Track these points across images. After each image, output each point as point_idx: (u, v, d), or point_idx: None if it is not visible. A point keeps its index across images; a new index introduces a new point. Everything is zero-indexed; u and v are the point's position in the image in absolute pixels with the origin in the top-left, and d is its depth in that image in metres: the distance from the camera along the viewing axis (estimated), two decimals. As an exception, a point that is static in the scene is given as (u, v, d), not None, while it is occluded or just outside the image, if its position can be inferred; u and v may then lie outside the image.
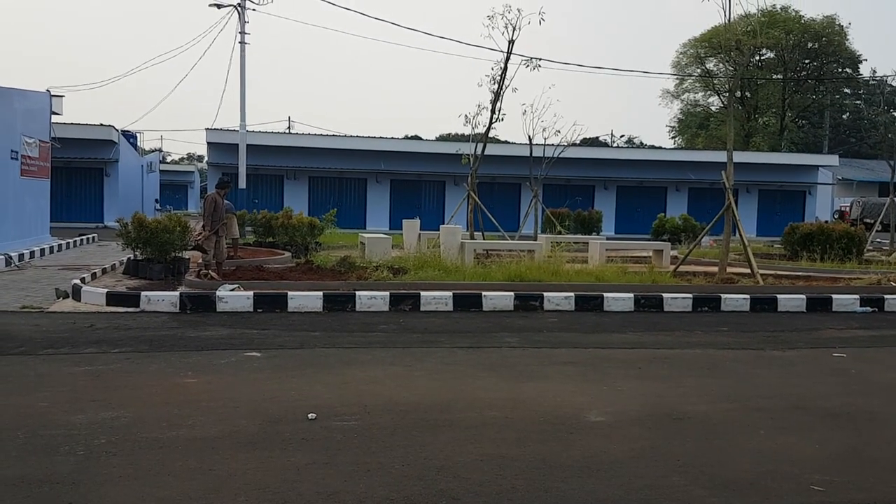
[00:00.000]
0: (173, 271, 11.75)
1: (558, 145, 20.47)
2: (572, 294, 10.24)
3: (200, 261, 11.44)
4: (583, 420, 4.95)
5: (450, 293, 9.95)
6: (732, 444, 4.57)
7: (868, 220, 27.49)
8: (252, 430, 4.57)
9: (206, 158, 39.15)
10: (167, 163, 66.24)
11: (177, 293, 9.56)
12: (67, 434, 4.39)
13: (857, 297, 10.87)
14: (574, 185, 35.39)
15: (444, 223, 20.28)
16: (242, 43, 22.85)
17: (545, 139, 19.90)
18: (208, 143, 32.60)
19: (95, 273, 11.91)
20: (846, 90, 57.05)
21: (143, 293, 9.43)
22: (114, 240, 14.97)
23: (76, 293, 9.88)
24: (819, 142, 52.90)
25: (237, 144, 23.63)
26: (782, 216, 34.77)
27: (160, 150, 62.79)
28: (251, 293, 9.53)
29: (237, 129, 23.73)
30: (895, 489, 3.90)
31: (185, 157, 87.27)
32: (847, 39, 51.98)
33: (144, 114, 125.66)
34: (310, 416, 4.83)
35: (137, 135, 41.09)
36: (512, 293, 10.10)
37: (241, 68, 22.75)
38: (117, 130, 31.38)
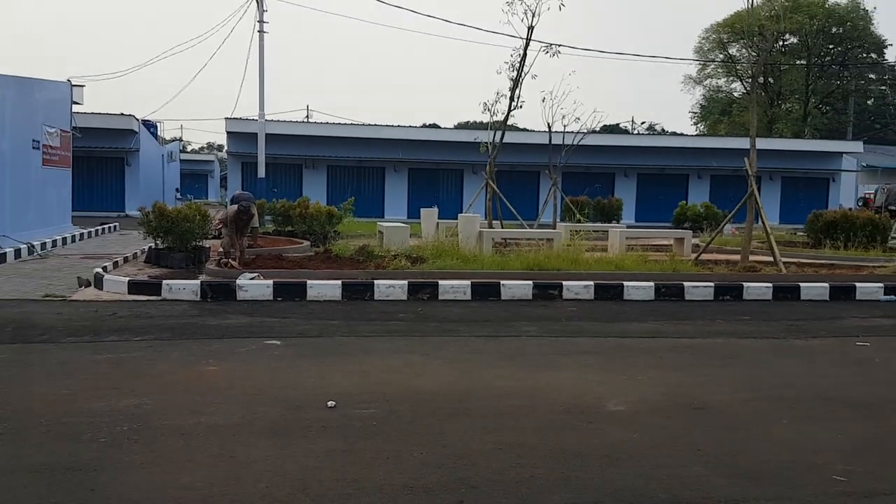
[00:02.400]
0: (194, 260, 11.84)
1: (578, 132, 20.31)
2: (592, 283, 10.20)
3: (221, 249, 11.52)
4: (602, 409, 4.94)
5: (468, 282, 9.94)
6: (754, 433, 4.53)
7: (893, 208, 26.98)
8: (272, 417, 4.60)
9: (225, 148, 39.35)
10: (187, 152, 66.71)
11: (198, 282, 9.63)
12: (90, 421, 4.44)
13: (881, 285, 10.71)
14: (594, 173, 35.12)
15: (462, 212, 20.23)
16: (261, 32, 22.91)
17: (565, 126, 19.74)
18: (228, 133, 32.76)
19: (117, 262, 12.04)
20: (871, 76, 55.93)
21: (164, 282, 9.51)
22: (135, 229, 15.10)
23: (98, 282, 10.00)
24: (843, 128, 52.02)
25: (256, 133, 23.76)
26: (806, 204, 34.27)
27: (180, 140, 63.16)
28: (271, 282, 9.58)
29: (256, 118, 23.83)
30: (921, 480, 3.85)
31: (205, 146, 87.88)
32: (872, 24, 51.06)
33: (164, 103, 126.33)
34: (329, 403, 4.85)
35: (158, 124, 41.34)
36: (531, 282, 10.08)
37: (259, 57, 22.82)
38: (138, 120, 31.62)
